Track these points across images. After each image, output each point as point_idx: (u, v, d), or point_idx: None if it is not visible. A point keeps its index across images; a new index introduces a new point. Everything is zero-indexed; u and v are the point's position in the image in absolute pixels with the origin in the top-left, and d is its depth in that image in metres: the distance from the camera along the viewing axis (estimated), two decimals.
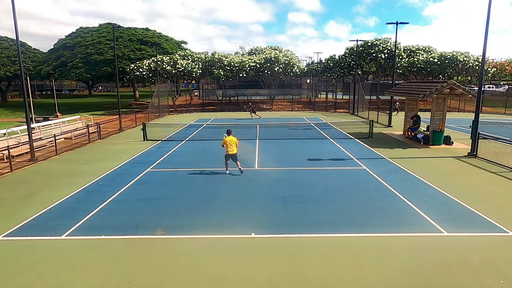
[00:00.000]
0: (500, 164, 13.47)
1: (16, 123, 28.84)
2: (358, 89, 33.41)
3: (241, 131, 22.69)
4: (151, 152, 16.64)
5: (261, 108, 41.48)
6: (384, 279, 6.00)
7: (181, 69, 38.84)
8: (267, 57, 39.36)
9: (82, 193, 10.67)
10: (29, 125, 15.35)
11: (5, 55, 52.67)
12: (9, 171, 13.24)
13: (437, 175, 12.15)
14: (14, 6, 13.93)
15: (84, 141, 19.51)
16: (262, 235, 7.67)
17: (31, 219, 8.67)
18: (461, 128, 23.58)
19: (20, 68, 15.00)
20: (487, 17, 14.37)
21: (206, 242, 7.46)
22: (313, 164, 13.99)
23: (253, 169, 13.40)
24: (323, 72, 49.94)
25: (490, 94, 47.99)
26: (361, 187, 11.04)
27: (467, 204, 9.39)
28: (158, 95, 34.64)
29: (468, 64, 38.88)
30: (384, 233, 7.71)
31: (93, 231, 7.96)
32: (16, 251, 7.17)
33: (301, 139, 19.82)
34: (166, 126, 24.90)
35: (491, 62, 42.61)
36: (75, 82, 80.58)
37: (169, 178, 12.37)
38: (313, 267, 6.42)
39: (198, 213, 9.01)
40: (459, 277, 6.03)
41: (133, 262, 6.64)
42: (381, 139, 19.79)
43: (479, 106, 15.52)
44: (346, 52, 44.52)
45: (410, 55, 44.00)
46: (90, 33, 51.75)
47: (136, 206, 9.53)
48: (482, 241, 7.35)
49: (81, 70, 46.72)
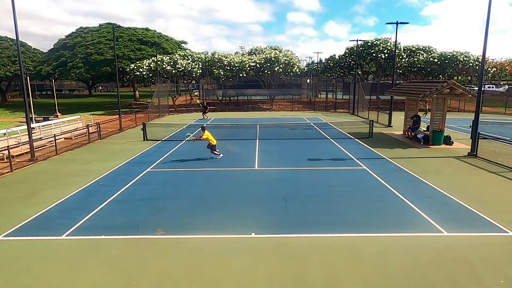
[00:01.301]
0: (500, 164, 13.47)
1: (16, 123, 28.86)
2: (358, 89, 33.40)
3: (241, 131, 22.71)
4: (151, 152, 16.64)
5: (261, 108, 41.50)
6: (384, 279, 6.00)
7: (181, 69, 38.84)
8: (267, 57, 39.37)
9: (82, 193, 10.67)
10: (29, 125, 15.34)
11: (5, 55, 52.66)
12: (9, 171, 13.24)
13: (437, 175, 12.15)
14: (14, 6, 13.93)
15: (84, 141, 19.51)
16: (262, 235, 7.67)
17: (31, 219, 8.66)
18: (461, 128, 23.58)
19: (20, 68, 15.00)
20: (487, 17, 14.37)
21: (206, 242, 7.46)
22: (313, 164, 13.99)
23: (253, 169, 13.41)
24: (323, 72, 49.93)
25: (490, 94, 47.96)
26: (361, 187, 11.05)
27: (467, 204, 9.39)
28: (158, 95, 34.65)
29: (468, 64, 38.89)
30: (384, 233, 7.71)
31: (93, 231, 7.96)
32: (16, 251, 7.16)
33: (301, 139, 19.82)
34: (166, 126, 24.89)
35: (491, 62, 42.54)
36: (75, 82, 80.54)
37: (169, 178, 12.37)
38: (313, 267, 6.42)
39: (198, 213, 9.02)
40: (459, 277, 6.03)
41: (133, 262, 6.64)
42: (381, 139, 19.79)
43: (479, 106, 15.52)
44: (346, 52, 44.51)
45: (410, 55, 43.98)
46: (90, 33, 51.77)
47: (136, 206, 9.53)
48: (482, 241, 7.35)
49: (81, 70, 46.71)
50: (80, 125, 22.92)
